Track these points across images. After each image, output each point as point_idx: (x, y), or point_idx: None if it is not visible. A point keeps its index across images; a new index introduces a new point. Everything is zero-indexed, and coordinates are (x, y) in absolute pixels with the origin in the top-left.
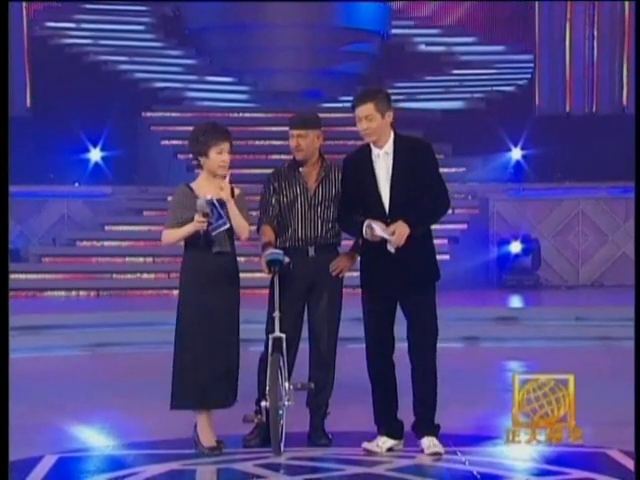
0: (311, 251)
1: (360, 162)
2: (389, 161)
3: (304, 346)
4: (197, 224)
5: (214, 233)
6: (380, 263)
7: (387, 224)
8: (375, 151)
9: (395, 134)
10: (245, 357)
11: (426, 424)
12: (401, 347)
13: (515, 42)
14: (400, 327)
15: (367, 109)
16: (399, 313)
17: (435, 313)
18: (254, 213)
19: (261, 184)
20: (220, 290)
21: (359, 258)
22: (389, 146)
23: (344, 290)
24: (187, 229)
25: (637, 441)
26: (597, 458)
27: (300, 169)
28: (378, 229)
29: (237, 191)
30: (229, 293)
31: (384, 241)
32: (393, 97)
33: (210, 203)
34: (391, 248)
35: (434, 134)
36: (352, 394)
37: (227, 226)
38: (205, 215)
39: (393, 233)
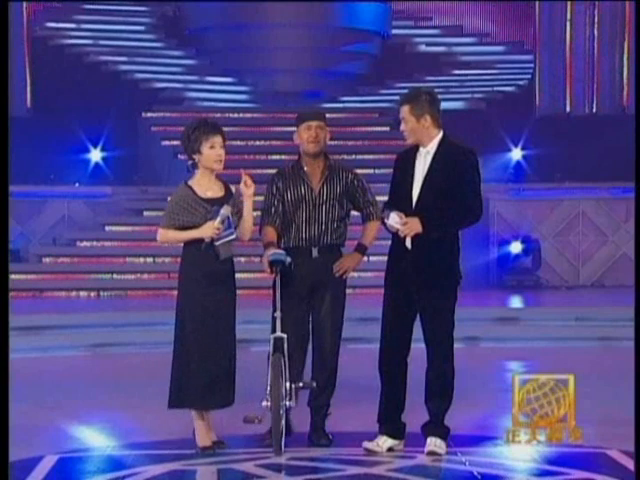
0: (314, 252)
1: (406, 158)
2: (428, 160)
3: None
4: (213, 230)
5: (218, 243)
6: (401, 262)
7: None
8: (421, 150)
9: (444, 136)
10: (245, 357)
11: (433, 424)
12: (415, 348)
13: (515, 42)
14: (417, 329)
15: (402, 111)
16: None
17: (451, 316)
18: (256, 213)
19: (261, 184)
20: (220, 291)
21: (386, 256)
22: (432, 146)
23: (346, 290)
24: (193, 234)
25: (637, 441)
26: (597, 458)
27: (305, 169)
28: (391, 218)
29: (233, 189)
30: (228, 294)
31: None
32: (393, 98)
33: (229, 213)
34: (408, 243)
35: None
36: (352, 394)
37: (233, 237)
38: (221, 223)
39: (405, 224)
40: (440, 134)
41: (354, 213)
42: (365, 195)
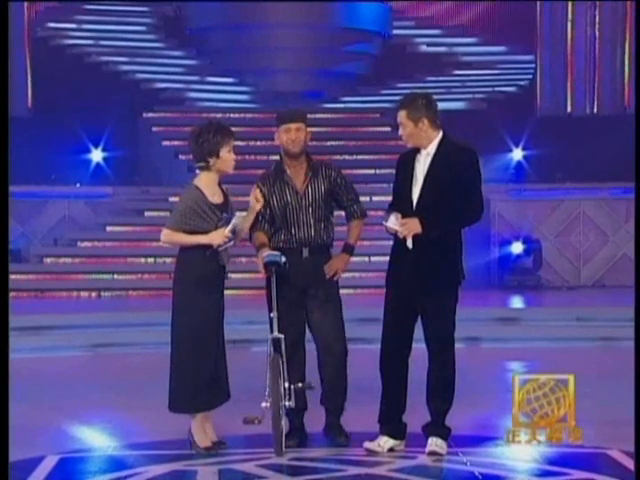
0: (305, 252)
1: (407, 160)
2: (428, 161)
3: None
4: (223, 239)
5: (221, 249)
6: (402, 263)
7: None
8: (421, 151)
9: (443, 136)
10: (245, 357)
11: (434, 425)
12: (416, 348)
13: (516, 42)
14: (418, 329)
15: (400, 116)
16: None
17: (452, 316)
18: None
19: None
20: (215, 292)
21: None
22: (432, 147)
23: (345, 290)
24: (203, 239)
25: (637, 441)
26: (597, 458)
27: (287, 172)
28: (389, 220)
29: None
30: (220, 295)
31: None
32: (394, 98)
33: (240, 222)
34: (409, 243)
35: None
36: (353, 394)
37: (232, 243)
38: (231, 232)
39: (403, 225)
40: (439, 135)
41: (338, 213)
42: (348, 193)
